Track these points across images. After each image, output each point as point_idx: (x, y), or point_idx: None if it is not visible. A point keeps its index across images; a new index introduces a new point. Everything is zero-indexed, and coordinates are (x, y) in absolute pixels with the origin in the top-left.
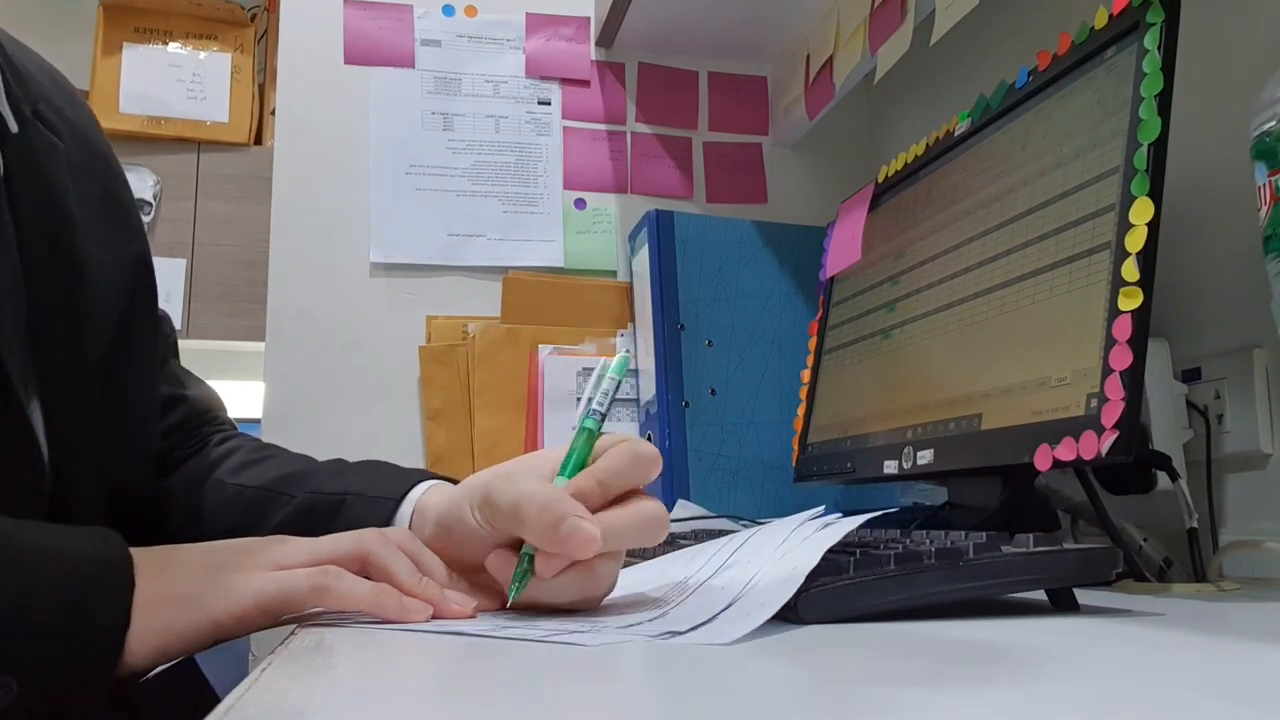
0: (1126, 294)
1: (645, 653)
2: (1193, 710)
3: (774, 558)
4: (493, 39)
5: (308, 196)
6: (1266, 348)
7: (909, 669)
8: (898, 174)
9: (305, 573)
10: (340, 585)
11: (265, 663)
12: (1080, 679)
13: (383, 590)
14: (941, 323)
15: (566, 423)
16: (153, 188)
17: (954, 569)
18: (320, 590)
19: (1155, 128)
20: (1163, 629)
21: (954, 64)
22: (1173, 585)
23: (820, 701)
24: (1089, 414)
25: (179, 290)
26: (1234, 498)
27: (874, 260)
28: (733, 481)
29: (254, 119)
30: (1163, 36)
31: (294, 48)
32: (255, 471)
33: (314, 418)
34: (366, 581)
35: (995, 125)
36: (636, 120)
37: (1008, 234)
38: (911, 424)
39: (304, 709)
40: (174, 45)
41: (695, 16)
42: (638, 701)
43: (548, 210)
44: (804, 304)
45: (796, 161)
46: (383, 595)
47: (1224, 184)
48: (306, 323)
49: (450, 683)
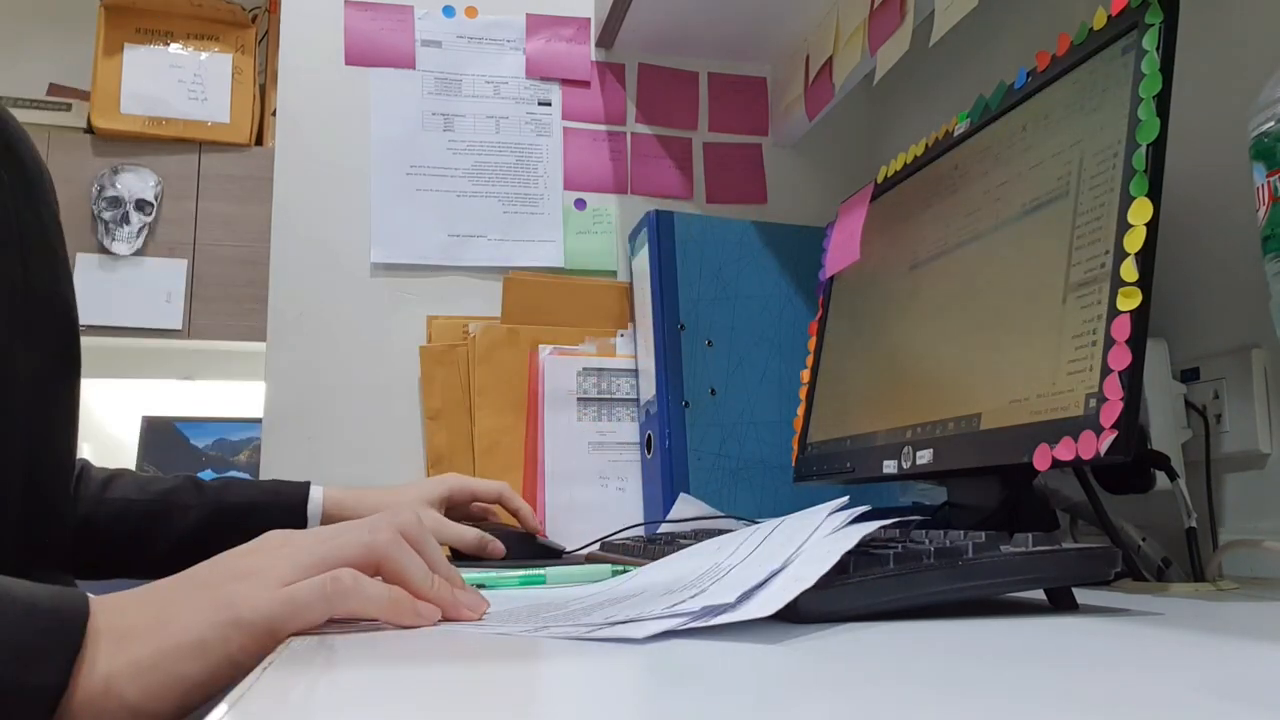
0: (1125, 294)
1: (646, 650)
2: (1191, 709)
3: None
4: (493, 40)
5: (309, 197)
6: (1265, 348)
7: (909, 669)
8: (897, 174)
9: (318, 583)
10: (355, 593)
11: (265, 663)
12: (1079, 678)
13: (398, 596)
14: (941, 322)
15: (567, 423)
16: (154, 188)
17: (953, 569)
18: (338, 596)
19: (1154, 128)
20: (1161, 628)
21: (953, 64)
22: (1171, 585)
23: (820, 701)
24: (1088, 414)
25: (180, 290)
26: (1233, 497)
27: (873, 260)
28: (733, 481)
29: (255, 119)
30: (1161, 37)
31: (295, 48)
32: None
33: (314, 418)
34: (380, 585)
35: (994, 126)
36: (636, 121)
37: (1007, 234)
38: (911, 424)
39: (304, 709)
40: (175, 46)
41: (695, 17)
42: (637, 701)
43: (548, 210)
44: (804, 304)
45: (796, 162)
46: (398, 601)
47: (1223, 184)
48: (307, 323)
49: (450, 682)
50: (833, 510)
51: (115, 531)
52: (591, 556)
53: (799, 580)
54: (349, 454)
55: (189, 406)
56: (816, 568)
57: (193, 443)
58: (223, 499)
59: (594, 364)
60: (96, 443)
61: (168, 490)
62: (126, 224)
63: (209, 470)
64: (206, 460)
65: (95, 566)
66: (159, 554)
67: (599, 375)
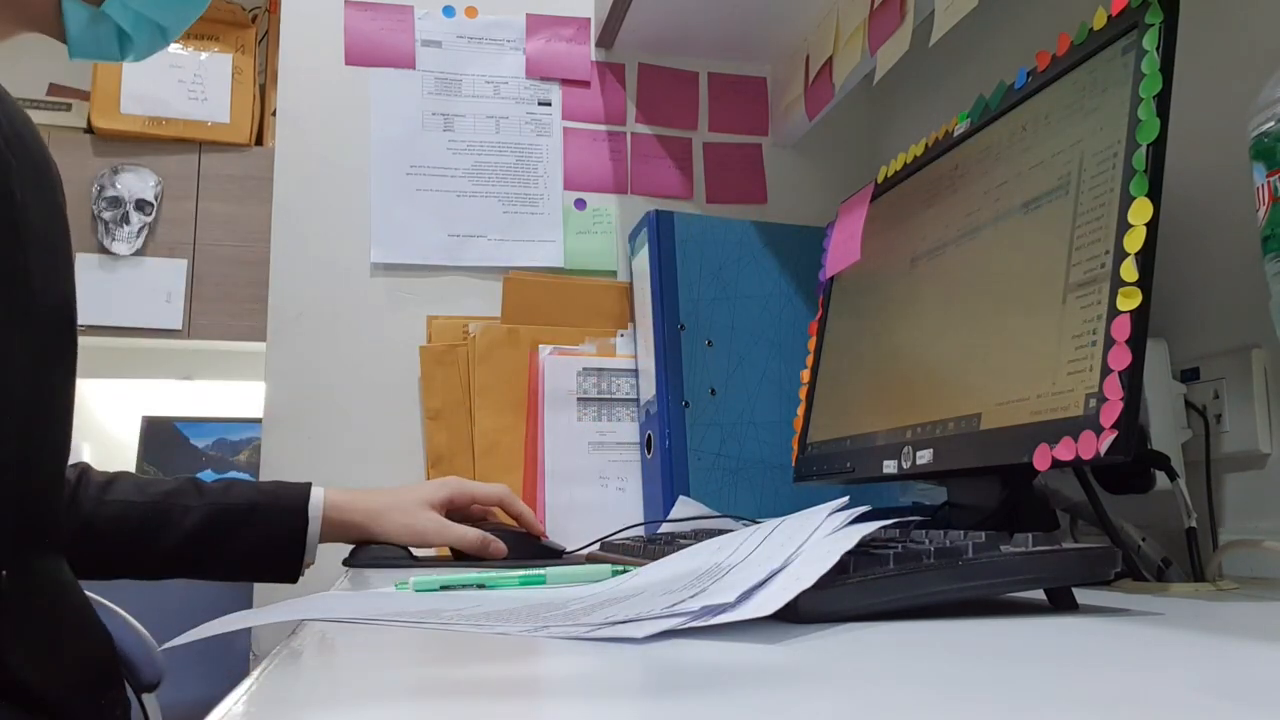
0: (1125, 294)
1: (646, 650)
2: (1191, 709)
3: (811, 543)
4: (493, 40)
5: (308, 197)
6: (1265, 348)
7: (909, 669)
8: (897, 174)
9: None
10: None
11: (266, 662)
12: (1079, 678)
13: None
14: (941, 322)
15: (566, 423)
16: (154, 188)
17: (953, 569)
18: None
19: (1154, 128)
20: (1161, 628)
21: (953, 64)
22: (1171, 585)
23: (820, 701)
24: (1088, 414)
25: (180, 290)
26: (1232, 497)
27: (874, 260)
28: (733, 481)
29: (255, 119)
30: (1161, 37)
31: (295, 48)
32: (129, 489)
33: (314, 418)
34: None
35: (994, 126)
36: (636, 121)
37: (1007, 234)
38: (911, 424)
39: (304, 708)
40: (175, 46)
41: (695, 17)
42: (637, 701)
43: (548, 210)
44: (804, 304)
45: (796, 161)
46: None
47: (1223, 184)
48: (307, 323)
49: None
50: (833, 510)
51: (115, 533)
52: (591, 556)
53: (799, 580)
54: (349, 454)
55: (189, 406)
56: (816, 568)
57: (193, 443)
58: (222, 500)
59: (594, 364)
60: (96, 443)
61: (168, 492)
62: (126, 224)
63: (209, 470)
64: (206, 460)
65: (96, 568)
66: (159, 555)
67: (599, 375)
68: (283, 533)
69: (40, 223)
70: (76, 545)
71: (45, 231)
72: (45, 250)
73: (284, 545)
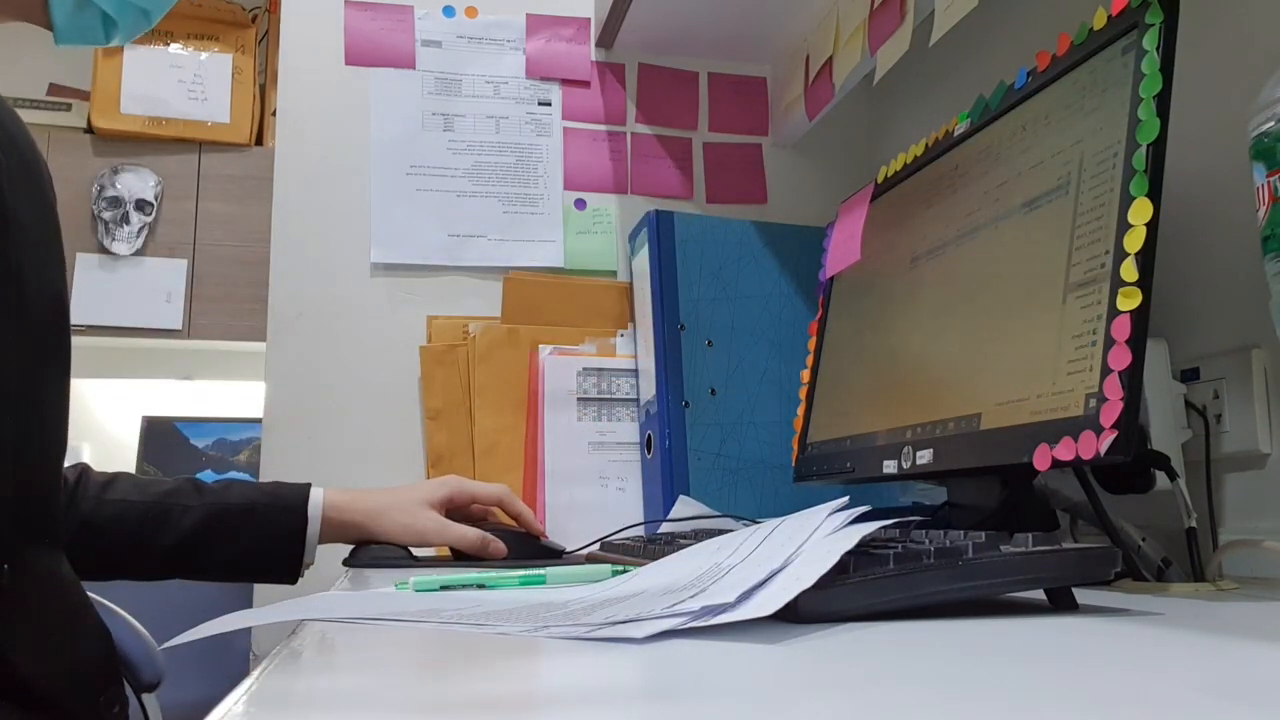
0: (1125, 294)
1: (646, 650)
2: (1191, 709)
3: (811, 543)
4: (493, 40)
5: (308, 197)
6: (1265, 348)
7: (909, 669)
8: (897, 174)
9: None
10: None
11: (266, 662)
12: (1079, 678)
13: None
14: (941, 322)
15: (566, 423)
16: (154, 188)
17: (953, 569)
18: None
19: (1154, 128)
20: (1161, 628)
21: (953, 64)
22: (1171, 585)
23: (820, 701)
24: (1088, 414)
25: (180, 290)
26: (1232, 497)
27: (874, 260)
28: (733, 481)
29: (255, 119)
30: (1161, 37)
31: (295, 48)
32: (128, 489)
33: (314, 418)
34: None
35: (994, 126)
36: (636, 121)
37: (1007, 234)
38: (911, 424)
39: (304, 708)
40: (175, 46)
41: (695, 17)
42: (637, 701)
43: (548, 210)
44: (804, 304)
45: (796, 162)
46: None
47: (1222, 184)
48: (307, 323)
49: (451, 682)
50: (833, 510)
51: (115, 533)
52: (591, 556)
53: (799, 580)
54: (349, 454)
55: (189, 406)
56: (816, 568)
57: (193, 443)
58: (222, 500)
59: (594, 364)
60: (96, 443)
61: (167, 491)
62: (126, 224)
63: (209, 471)
64: (206, 460)
65: (95, 567)
66: (159, 555)
67: (599, 375)
68: (282, 533)
69: (31, 221)
70: (76, 545)
71: (36, 229)
72: (36, 247)
73: (283, 545)
